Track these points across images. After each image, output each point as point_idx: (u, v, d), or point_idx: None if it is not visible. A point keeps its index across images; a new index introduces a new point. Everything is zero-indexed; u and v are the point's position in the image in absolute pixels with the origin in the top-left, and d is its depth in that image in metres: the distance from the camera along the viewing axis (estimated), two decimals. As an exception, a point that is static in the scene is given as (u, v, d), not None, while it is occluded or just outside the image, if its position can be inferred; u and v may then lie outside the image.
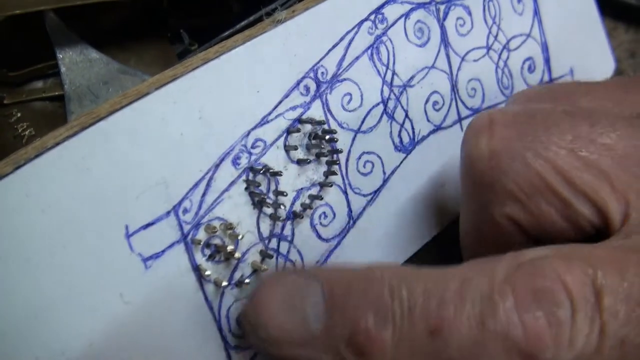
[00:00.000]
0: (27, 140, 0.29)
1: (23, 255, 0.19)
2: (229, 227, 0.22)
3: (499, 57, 0.31)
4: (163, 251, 0.21)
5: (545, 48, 0.34)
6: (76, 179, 0.20)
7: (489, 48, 0.31)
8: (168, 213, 0.21)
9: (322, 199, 0.25)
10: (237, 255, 0.22)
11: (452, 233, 0.31)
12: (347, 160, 0.26)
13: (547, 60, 0.34)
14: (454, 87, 0.29)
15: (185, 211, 0.22)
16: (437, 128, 0.29)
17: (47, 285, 0.19)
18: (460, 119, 0.29)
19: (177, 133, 0.22)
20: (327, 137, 0.24)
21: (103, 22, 0.31)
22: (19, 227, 0.19)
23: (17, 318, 0.19)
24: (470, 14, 0.30)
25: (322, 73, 0.25)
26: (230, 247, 0.22)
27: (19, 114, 0.30)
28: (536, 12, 0.33)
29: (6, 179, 0.19)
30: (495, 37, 0.31)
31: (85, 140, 0.20)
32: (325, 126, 0.25)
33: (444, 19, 0.29)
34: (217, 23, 0.31)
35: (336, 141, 0.25)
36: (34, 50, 0.30)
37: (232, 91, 0.23)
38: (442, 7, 0.29)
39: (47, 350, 0.19)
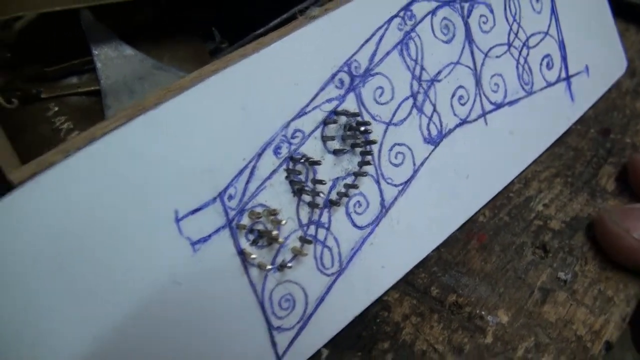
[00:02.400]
0: (65, 133, 0.29)
1: (78, 237, 0.19)
2: (272, 212, 0.23)
3: (520, 54, 0.32)
4: (210, 235, 0.22)
5: (562, 46, 0.35)
6: (128, 165, 0.20)
7: (510, 45, 0.32)
8: (214, 199, 0.22)
9: (357, 187, 0.26)
10: (280, 239, 0.23)
11: (477, 223, 0.32)
12: (380, 151, 0.27)
13: (564, 58, 0.35)
14: (478, 82, 0.30)
15: (230, 197, 0.23)
16: (463, 122, 0.30)
17: (100, 266, 0.20)
18: (484, 113, 0.31)
19: (221, 123, 0.22)
20: (362, 128, 0.25)
21: (137, 20, 0.32)
22: (73, 211, 0.19)
23: (73, 294, 0.19)
24: (492, 11, 0.31)
25: (356, 67, 0.26)
26: (275, 232, 0.23)
27: (56, 108, 0.30)
28: (553, 11, 0.34)
29: (57, 166, 0.19)
30: (516, 34, 0.32)
31: (135, 129, 0.21)
32: (359, 118, 0.26)
33: (468, 16, 0.30)
34: (247, 22, 0.32)
35: (370, 132, 0.26)
36: (69, 47, 0.31)
37: (272, 84, 0.24)
38: (466, 5, 0.30)
39: (101, 326, 0.20)
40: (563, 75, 0.35)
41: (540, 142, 0.33)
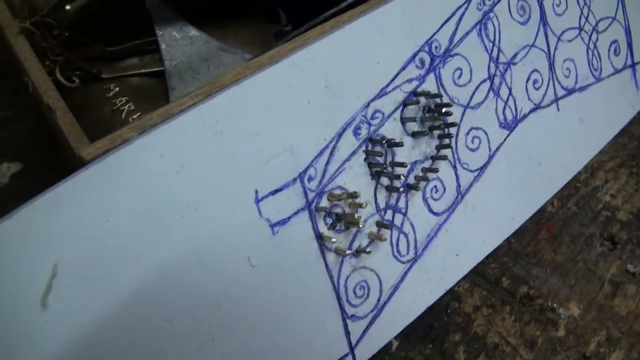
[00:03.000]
0: (127, 114, 0.29)
1: (155, 213, 0.19)
2: (352, 195, 0.22)
3: (590, 39, 0.31)
4: (289, 218, 0.22)
5: (628, 32, 0.34)
6: (209, 142, 0.20)
7: (580, 29, 0.31)
8: (294, 180, 0.22)
9: (437, 171, 0.25)
10: (361, 224, 0.22)
11: (545, 213, 0.31)
12: (457, 134, 0.26)
13: (629, 45, 0.34)
14: (552, 66, 0.29)
15: (310, 179, 0.22)
16: (537, 107, 0.29)
17: (176, 245, 0.19)
18: (557, 99, 0.30)
19: (304, 101, 0.22)
20: (444, 110, 0.24)
21: (201, 1, 0.31)
22: (152, 186, 0.19)
23: (146, 275, 0.19)
24: (564, -7, 0.30)
25: (436, 47, 0.25)
26: (357, 215, 0.22)
27: (117, 89, 0.30)
28: (621, -5, 0.33)
29: (133, 143, 0.19)
30: (587, 18, 0.31)
31: (215, 106, 0.20)
32: (439, 100, 0.25)
33: (543, -4, 0.29)
34: (312, 5, 0.31)
35: (450, 114, 0.25)
36: (131, 27, 0.30)
37: (353, 62, 0.23)
38: (540, -15, 0.29)
39: (176, 310, 0.19)
40: (629, 62, 0.34)
41: (608, 130, 0.32)
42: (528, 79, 0.28)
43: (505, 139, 0.27)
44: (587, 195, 0.32)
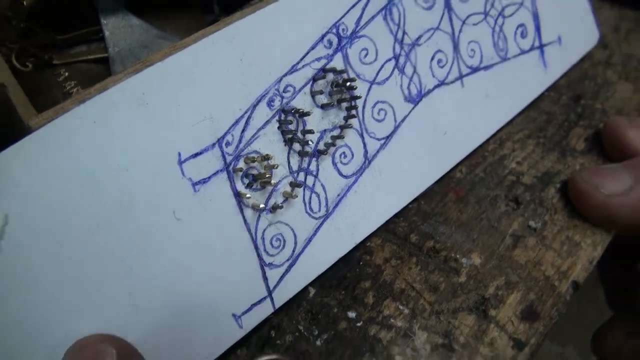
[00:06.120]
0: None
1: (89, 173, 0.22)
2: (265, 158, 0.26)
3: (495, 22, 0.35)
4: (209, 177, 0.25)
5: (535, 17, 0.37)
6: (136, 111, 0.23)
7: (486, 14, 0.34)
8: (213, 145, 0.25)
9: (343, 138, 0.28)
10: (273, 182, 0.26)
11: (454, 179, 0.34)
12: (364, 107, 0.29)
13: (537, 28, 0.37)
14: (456, 47, 0.33)
15: (228, 144, 0.25)
16: (441, 83, 0.32)
17: (109, 199, 0.22)
18: (461, 76, 0.33)
19: (221, 76, 0.25)
20: (348, 84, 0.28)
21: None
22: (87, 149, 0.22)
23: (81, 227, 0.22)
24: (469, -17, 0.34)
25: (343, 29, 0.28)
26: (268, 175, 0.26)
27: (66, 74, 0.33)
28: (528, -15, 0.37)
29: (73, 110, 0.22)
30: (492, 4, 0.35)
31: (143, 79, 0.23)
32: (345, 75, 0.28)
33: (447, -14, 0.33)
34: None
35: (355, 89, 0.28)
36: (79, 17, 0.34)
37: (267, 42, 0.26)
38: (445, -24, 0.32)
39: (111, 261, 0.23)
40: (536, 44, 0.37)
41: (514, 105, 0.36)
42: (432, 58, 0.32)
43: (410, 112, 0.31)
44: (494, 162, 0.36)
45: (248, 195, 0.26)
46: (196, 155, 0.25)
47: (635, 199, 0.31)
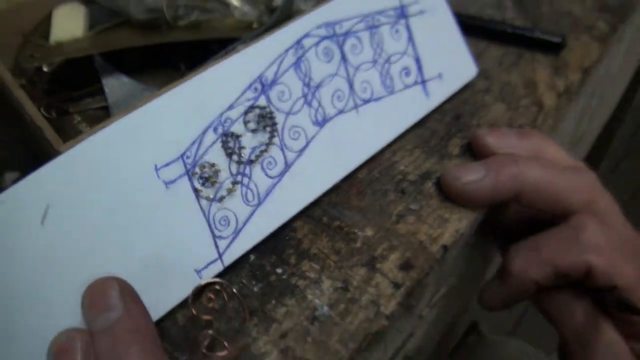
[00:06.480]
0: (87, 133, 0.46)
1: (99, 177, 0.36)
2: (213, 165, 0.40)
3: (382, 68, 0.49)
4: (175, 179, 0.38)
5: (417, 60, 0.51)
6: (129, 139, 0.37)
7: (375, 62, 0.49)
8: (178, 158, 0.39)
9: (268, 152, 0.42)
10: (219, 181, 0.39)
11: (357, 179, 0.48)
12: (282, 130, 0.43)
13: (419, 69, 0.52)
14: (352, 86, 0.47)
15: (187, 157, 0.39)
16: (340, 112, 0.46)
17: (115, 194, 0.36)
18: (356, 106, 0.47)
19: (183, 114, 0.39)
20: (269, 115, 0.42)
21: (131, 59, 0.49)
22: (97, 164, 0.35)
23: (96, 215, 0.35)
24: (361, 42, 0.48)
25: (265, 79, 0.42)
26: (215, 177, 0.39)
27: (79, 118, 0.47)
28: (410, 38, 0.51)
29: (87, 139, 0.36)
30: (380, 55, 0.49)
31: (131, 119, 0.37)
32: (268, 109, 0.42)
33: (343, 44, 0.47)
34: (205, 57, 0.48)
35: (275, 118, 0.42)
36: (86, 78, 0.48)
37: (213, 91, 0.40)
38: (341, 38, 0.47)
39: (118, 234, 0.36)
40: (419, 80, 0.51)
41: (400, 125, 0.50)
42: (333, 95, 0.46)
43: (317, 133, 0.45)
44: (388, 166, 0.49)
45: (202, 190, 0.39)
46: (167, 164, 0.38)
47: (486, 185, 0.45)
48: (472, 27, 0.62)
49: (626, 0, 0.74)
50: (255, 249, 0.42)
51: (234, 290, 0.38)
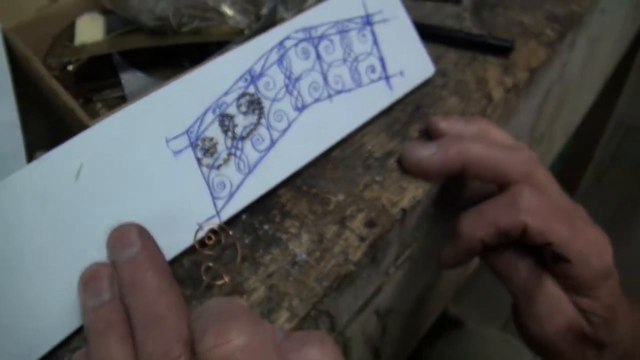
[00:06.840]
0: (107, 118, 0.56)
1: (123, 146, 0.45)
2: (211, 139, 0.49)
3: (351, 65, 0.59)
4: (182, 150, 0.48)
5: (381, 59, 0.62)
6: (147, 117, 0.46)
7: (345, 60, 0.59)
8: (184, 133, 0.48)
9: (257, 130, 0.52)
10: (217, 153, 0.49)
11: (331, 156, 0.58)
12: (268, 114, 0.53)
13: (383, 67, 0.62)
14: (325, 79, 0.57)
15: (191, 132, 0.49)
16: (316, 100, 0.56)
17: (137, 158, 0.45)
18: (330, 96, 0.57)
19: (189, 100, 0.49)
20: (258, 101, 0.52)
21: (143, 57, 0.59)
22: (121, 135, 0.45)
23: (120, 174, 0.45)
24: (333, 44, 0.58)
25: (254, 72, 0.52)
26: (213, 149, 0.49)
27: (100, 106, 0.57)
28: (375, 41, 0.61)
29: (109, 117, 0.45)
30: (349, 54, 0.59)
31: (144, 103, 0.47)
32: (256, 96, 0.52)
33: (318, 45, 0.57)
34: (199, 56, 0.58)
35: (262, 103, 0.52)
36: (106, 73, 0.57)
37: (211, 81, 0.50)
38: (316, 40, 0.57)
39: (142, 189, 0.45)
40: (383, 75, 0.61)
41: (367, 112, 0.59)
42: (310, 86, 0.56)
43: (297, 116, 0.55)
44: (358, 146, 0.59)
45: (203, 159, 0.49)
46: (175, 137, 0.48)
47: (436, 159, 0.55)
48: (433, 35, 0.72)
49: (572, 11, 0.85)
50: (247, 209, 0.52)
51: (230, 232, 0.48)
